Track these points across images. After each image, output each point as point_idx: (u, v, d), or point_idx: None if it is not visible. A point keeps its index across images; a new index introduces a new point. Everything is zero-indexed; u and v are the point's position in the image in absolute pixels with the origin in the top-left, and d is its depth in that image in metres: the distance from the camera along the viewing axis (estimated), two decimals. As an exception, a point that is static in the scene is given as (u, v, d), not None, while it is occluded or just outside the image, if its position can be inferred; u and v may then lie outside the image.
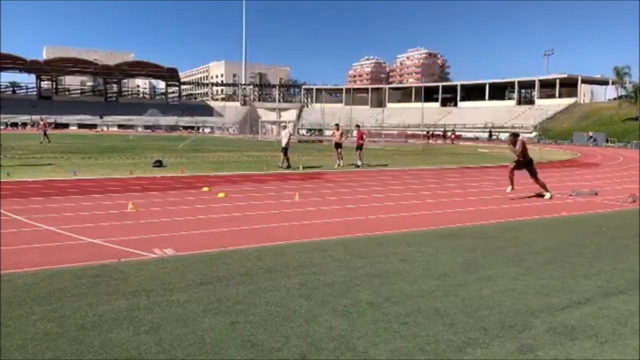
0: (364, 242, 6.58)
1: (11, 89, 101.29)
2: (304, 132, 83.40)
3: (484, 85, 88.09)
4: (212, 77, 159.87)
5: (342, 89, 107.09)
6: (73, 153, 24.35)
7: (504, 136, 68.85)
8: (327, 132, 70.03)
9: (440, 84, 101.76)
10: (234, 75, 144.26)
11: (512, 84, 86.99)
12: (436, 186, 13.74)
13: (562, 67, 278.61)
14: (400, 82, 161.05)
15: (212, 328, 3.57)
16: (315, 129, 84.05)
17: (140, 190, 11.55)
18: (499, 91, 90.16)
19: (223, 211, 8.85)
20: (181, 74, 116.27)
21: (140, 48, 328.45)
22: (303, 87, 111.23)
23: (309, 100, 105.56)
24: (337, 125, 21.68)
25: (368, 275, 4.99)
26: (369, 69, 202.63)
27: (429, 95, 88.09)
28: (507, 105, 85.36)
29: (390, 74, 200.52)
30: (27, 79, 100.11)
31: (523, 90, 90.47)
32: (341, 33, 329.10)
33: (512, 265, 5.47)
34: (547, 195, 11.13)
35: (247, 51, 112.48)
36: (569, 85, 79.96)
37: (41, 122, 35.83)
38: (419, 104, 75.52)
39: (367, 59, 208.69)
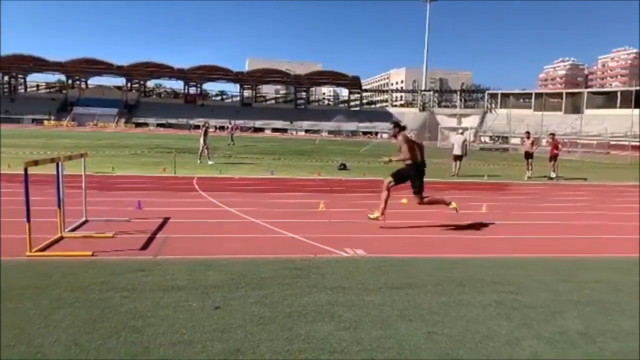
0: (566, 264, 5.95)
1: (220, 97, 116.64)
2: (486, 139, 79.30)
3: None
4: (392, 84, 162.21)
5: (531, 94, 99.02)
6: (269, 154, 26.98)
7: None
8: (513, 140, 65.50)
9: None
10: (414, 82, 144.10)
11: None
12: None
13: None
14: (602, 86, 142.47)
15: (409, 334, 3.57)
16: (499, 137, 79.27)
17: (329, 191, 12.23)
18: None
19: (407, 217, 8.85)
20: (363, 82, 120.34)
21: (327, 59, 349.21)
22: (487, 92, 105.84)
23: (493, 105, 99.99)
24: (527, 132, 20.10)
25: (576, 303, 4.48)
26: (563, 72, 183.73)
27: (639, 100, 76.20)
28: None
29: (590, 77, 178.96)
30: (232, 88, 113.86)
31: None
32: (531, 34, 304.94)
33: None
34: (375, 213, 7.82)
35: (429, 57, 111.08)
36: None
37: (229, 126, 40.47)
38: (626, 111, 65.91)
39: (561, 61, 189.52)
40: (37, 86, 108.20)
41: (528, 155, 18.54)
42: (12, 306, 3.87)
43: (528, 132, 20.15)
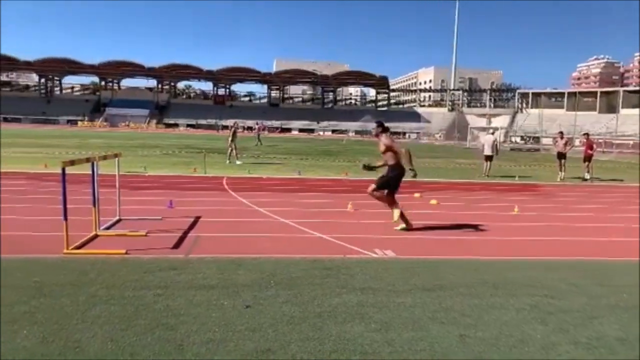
0: (602, 267, 5.78)
1: (248, 97, 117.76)
2: (517, 139, 77.77)
3: None
4: (420, 84, 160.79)
5: (563, 93, 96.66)
6: (296, 154, 27.09)
7: None
8: (545, 140, 64.11)
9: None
10: (442, 81, 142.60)
11: None
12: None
13: None
14: (639, 85, 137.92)
15: (441, 337, 3.53)
16: (530, 137, 77.66)
17: (356, 191, 12.17)
18: None
19: (437, 218, 8.75)
20: (390, 81, 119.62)
21: (354, 59, 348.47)
22: (517, 91, 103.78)
23: (524, 105, 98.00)
24: (561, 132, 19.61)
25: (613, 307, 4.35)
26: (597, 70, 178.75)
27: (679, 99, 73.43)
28: None
29: (625, 75, 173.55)
30: (260, 89, 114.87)
31: None
32: (564, 31, 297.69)
33: None
34: (400, 224, 7.58)
35: (457, 56, 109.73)
36: None
37: (256, 127, 40.74)
38: (664, 110, 63.51)
39: (595, 59, 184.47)
40: (72, 88, 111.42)
41: (561, 156, 18.09)
42: (51, 302, 3.99)
43: (561, 132, 19.66)
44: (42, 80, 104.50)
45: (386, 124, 7.96)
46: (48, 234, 6.36)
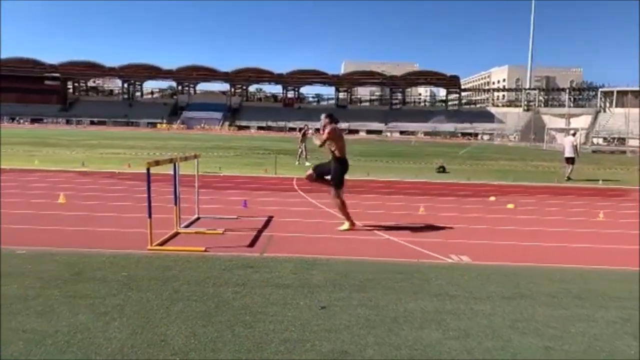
0: None
1: (316, 100, 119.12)
2: (599, 140, 72.99)
3: None
4: (493, 83, 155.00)
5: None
6: (365, 156, 27.02)
7: None
8: (631, 142, 59.79)
9: None
10: (517, 80, 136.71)
11: None
12: None
13: None
14: None
15: (524, 348, 3.37)
16: (614, 138, 72.60)
17: (428, 193, 11.95)
18: None
19: (514, 223, 8.40)
20: (462, 81, 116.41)
21: (424, 58, 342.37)
22: (600, 89, 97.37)
23: (607, 104, 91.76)
24: (652, 133, 18.18)
25: None
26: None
27: None
28: None
29: None
30: (328, 91, 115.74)
31: None
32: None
33: None
34: (345, 226, 7.37)
35: (533, 54, 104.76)
36: None
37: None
38: None
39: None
40: (152, 92, 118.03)
41: (652, 158, 16.77)
42: (138, 296, 4.23)
43: (652, 133, 18.22)
44: (125, 85, 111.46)
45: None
46: (133, 231, 6.76)
